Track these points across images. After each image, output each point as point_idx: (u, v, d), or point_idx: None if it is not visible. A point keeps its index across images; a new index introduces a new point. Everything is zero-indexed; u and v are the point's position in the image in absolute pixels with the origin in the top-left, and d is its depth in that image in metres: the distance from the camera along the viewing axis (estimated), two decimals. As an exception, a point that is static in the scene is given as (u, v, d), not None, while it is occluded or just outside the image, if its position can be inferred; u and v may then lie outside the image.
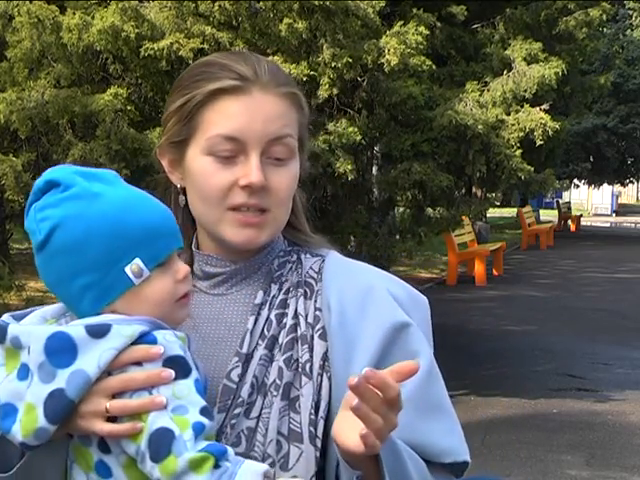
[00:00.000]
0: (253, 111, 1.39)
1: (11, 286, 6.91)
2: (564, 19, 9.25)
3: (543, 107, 8.07)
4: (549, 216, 34.82)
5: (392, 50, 6.68)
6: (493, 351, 10.24)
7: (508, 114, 8.01)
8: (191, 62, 5.14)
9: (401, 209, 10.01)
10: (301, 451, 1.33)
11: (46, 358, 1.23)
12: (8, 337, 1.27)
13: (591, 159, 32.85)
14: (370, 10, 6.65)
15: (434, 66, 7.35)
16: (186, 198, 1.47)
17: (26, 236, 1.33)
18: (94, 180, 1.30)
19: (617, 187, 44.71)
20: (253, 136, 1.38)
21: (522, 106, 8.04)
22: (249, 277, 1.47)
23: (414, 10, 7.52)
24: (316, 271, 1.47)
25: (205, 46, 6.09)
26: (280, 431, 1.34)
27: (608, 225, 37.60)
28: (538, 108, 8.01)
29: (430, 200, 8.60)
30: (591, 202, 48.77)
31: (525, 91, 7.95)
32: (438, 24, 7.97)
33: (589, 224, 36.04)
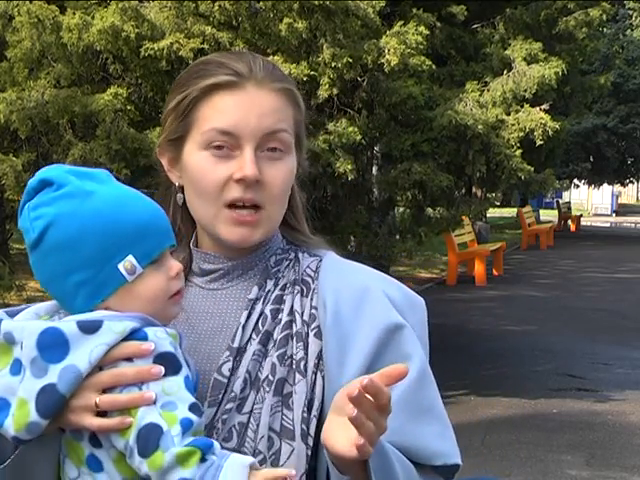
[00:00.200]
0: (248, 106, 1.39)
1: (11, 286, 6.92)
2: (564, 19, 9.27)
3: (543, 107, 8.07)
4: (549, 216, 34.79)
5: (392, 50, 6.69)
6: (493, 351, 10.23)
7: (508, 114, 8.02)
8: (191, 62, 5.12)
9: (401, 209, 10.01)
10: (292, 448, 1.33)
11: (38, 353, 1.24)
12: (1, 333, 1.28)
13: (591, 159, 32.84)
14: (370, 10, 6.66)
15: (434, 66, 7.36)
16: (185, 197, 1.47)
17: (26, 236, 1.34)
18: (87, 179, 1.31)
19: (617, 187, 44.69)
20: (248, 130, 1.39)
21: (522, 106, 8.04)
22: (245, 273, 1.47)
23: (414, 10, 7.54)
24: (313, 270, 1.48)
25: (205, 46, 6.10)
26: (272, 427, 1.34)
27: (608, 225, 37.57)
28: (538, 108, 8.02)
29: (430, 200, 8.60)
30: (591, 202, 48.73)
31: (525, 91, 7.96)
32: (438, 24, 7.98)
33: (589, 224, 36.00)
